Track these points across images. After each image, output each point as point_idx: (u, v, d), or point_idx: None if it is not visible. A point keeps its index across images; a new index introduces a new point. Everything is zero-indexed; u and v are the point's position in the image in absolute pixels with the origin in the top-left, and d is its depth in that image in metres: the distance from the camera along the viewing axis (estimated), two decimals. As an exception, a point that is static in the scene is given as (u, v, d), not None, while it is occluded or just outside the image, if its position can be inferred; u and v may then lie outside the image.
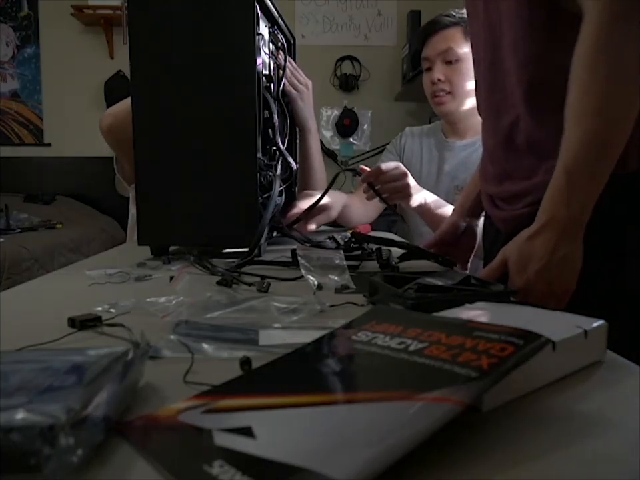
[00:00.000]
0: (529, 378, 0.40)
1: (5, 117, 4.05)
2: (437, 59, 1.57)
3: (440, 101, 1.60)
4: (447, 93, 1.58)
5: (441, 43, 1.56)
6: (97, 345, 0.48)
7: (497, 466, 0.30)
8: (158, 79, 0.97)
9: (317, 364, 0.41)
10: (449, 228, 1.14)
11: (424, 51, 1.62)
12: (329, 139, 4.04)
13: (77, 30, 4.00)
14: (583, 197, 0.70)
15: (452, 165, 1.64)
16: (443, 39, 1.56)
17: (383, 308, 0.59)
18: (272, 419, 0.33)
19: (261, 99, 1.01)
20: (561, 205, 0.70)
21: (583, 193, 0.70)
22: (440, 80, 1.57)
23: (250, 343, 0.49)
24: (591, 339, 0.45)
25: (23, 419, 0.27)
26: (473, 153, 1.59)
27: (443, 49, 1.56)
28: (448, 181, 1.63)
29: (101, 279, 0.80)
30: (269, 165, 1.07)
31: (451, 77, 1.56)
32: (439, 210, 1.42)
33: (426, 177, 1.65)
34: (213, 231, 0.98)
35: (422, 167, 1.69)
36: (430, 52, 1.59)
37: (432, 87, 1.60)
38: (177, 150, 0.97)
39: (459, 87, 1.55)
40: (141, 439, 0.32)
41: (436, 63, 1.58)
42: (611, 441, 0.33)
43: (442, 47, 1.56)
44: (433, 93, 1.61)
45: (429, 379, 0.35)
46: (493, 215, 1.03)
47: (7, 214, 3.17)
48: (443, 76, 1.57)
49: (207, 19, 0.95)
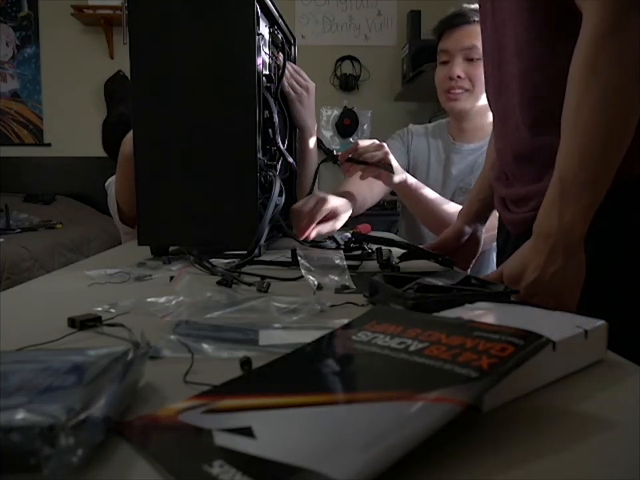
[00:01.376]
0: (529, 378, 0.40)
1: (5, 117, 4.05)
2: (459, 54, 1.48)
3: (455, 97, 1.51)
4: (465, 90, 1.50)
5: (465, 39, 1.47)
6: (97, 345, 0.48)
7: (497, 466, 0.30)
8: (158, 79, 0.97)
9: (316, 364, 0.41)
10: (453, 234, 1.13)
11: (443, 42, 1.52)
12: (329, 138, 4.04)
13: (77, 30, 4.00)
14: (579, 207, 0.68)
15: (459, 169, 1.60)
16: (467, 35, 1.46)
17: (383, 308, 0.59)
18: (272, 419, 0.33)
19: (261, 98, 1.01)
20: (553, 218, 0.69)
21: (577, 204, 0.68)
22: (460, 77, 1.48)
23: (250, 343, 0.49)
24: (591, 338, 0.45)
25: (23, 419, 0.27)
26: (479, 156, 1.55)
27: (466, 45, 1.46)
28: (455, 184, 1.59)
29: (101, 279, 0.80)
30: (269, 164, 1.07)
31: (472, 75, 1.47)
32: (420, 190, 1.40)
33: (434, 179, 1.61)
34: (213, 231, 0.98)
35: (429, 169, 1.64)
36: (451, 45, 1.49)
37: (448, 82, 1.50)
38: (177, 150, 0.97)
39: (478, 85, 1.46)
40: (141, 439, 0.32)
41: (456, 57, 1.49)
42: (611, 441, 0.33)
43: (466, 43, 1.47)
44: (448, 89, 1.51)
45: (429, 379, 0.35)
46: (503, 216, 1.02)
47: (7, 214, 3.17)
48: (464, 73, 1.48)
49: (207, 18, 0.95)
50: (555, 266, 0.69)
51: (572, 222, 0.68)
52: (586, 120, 0.68)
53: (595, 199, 0.69)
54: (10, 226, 3.13)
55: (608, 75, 0.67)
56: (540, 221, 0.71)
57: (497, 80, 0.95)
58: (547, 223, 0.70)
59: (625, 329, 0.57)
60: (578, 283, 0.71)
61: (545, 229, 0.70)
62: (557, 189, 0.69)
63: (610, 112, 0.67)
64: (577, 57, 0.69)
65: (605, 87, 0.67)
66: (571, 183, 0.68)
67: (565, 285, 0.70)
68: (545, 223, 0.70)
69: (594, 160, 0.68)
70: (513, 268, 0.73)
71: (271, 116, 1.07)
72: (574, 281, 0.70)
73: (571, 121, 0.69)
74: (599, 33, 0.67)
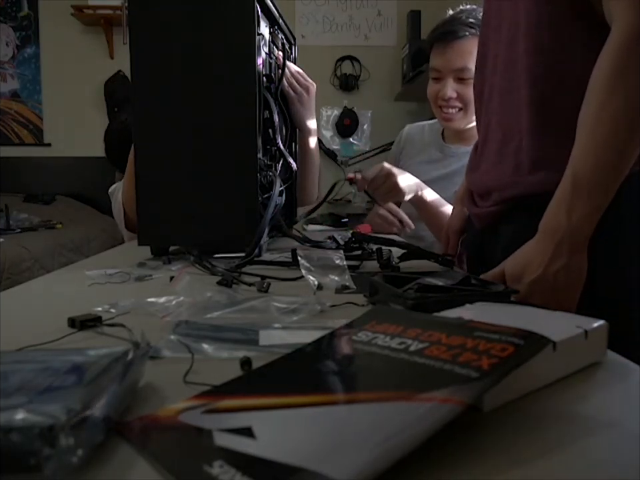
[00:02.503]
0: (530, 378, 0.39)
1: (5, 117, 4.05)
2: (450, 74, 1.49)
3: (449, 117, 1.53)
4: (459, 110, 1.52)
5: (457, 59, 1.46)
6: (97, 345, 0.48)
7: (497, 466, 0.30)
8: (158, 79, 0.97)
9: (317, 364, 0.41)
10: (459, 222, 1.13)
11: (434, 59, 1.52)
12: (329, 138, 4.03)
13: (77, 30, 4.00)
14: (588, 208, 0.68)
15: (453, 171, 1.60)
16: (459, 54, 1.46)
17: (383, 308, 0.59)
18: (272, 419, 0.33)
19: (261, 98, 1.01)
20: (563, 214, 0.69)
21: (586, 205, 0.68)
22: (451, 97, 1.49)
23: (250, 343, 0.49)
24: (591, 339, 0.45)
25: (23, 419, 0.27)
26: None
27: (458, 66, 1.47)
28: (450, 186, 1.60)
29: (100, 279, 0.80)
30: (269, 164, 1.07)
31: (463, 95, 1.48)
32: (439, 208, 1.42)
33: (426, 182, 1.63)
34: (213, 231, 0.98)
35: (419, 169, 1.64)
36: (442, 65, 1.50)
37: (440, 101, 1.52)
38: (177, 150, 0.97)
39: (470, 105, 1.46)
40: (141, 439, 0.32)
41: (448, 78, 1.49)
42: (611, 441, 0.33)
43: (457, 64, 1.47)
44: (441, 107, 1.53)
45: (429, 379, 0.35)
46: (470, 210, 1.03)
47: (7, 214, 3.17)
48: (455, 93, 1.49)
49: (207, 18, 0.95)
50: (559, 263, 0.69)
51: (580, 221, 0.68)
52: (607, 122, 0.67)
53: (604, 202, 0.69)
54: (10, 226, 3.13)
55: (635, 79, 0.66)
56: (548, 217, 0.71)
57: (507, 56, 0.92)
58: (555, 220, 0.69)
59: (625, 329, 0.57)
60: (579, 282, 0.71)
61: (553, 225, 0.69)
62: (569, 187, 0.69)
63: (631, 116, 0.67)
64: (604, 59, 0.68)
65: (631, 90, 0.66)
66: (584, 182, 0.68)
67: (567, 284, 0.70)
68: (553, 219, 0.70)
69: (610, 162, 0.68)
70: (515, 265, 0.73)
71: (271, 116, 1.07)
72: (576, 280, 0.70)
73: (591, 121, 0.69)
74: (629, 36, 0.66)
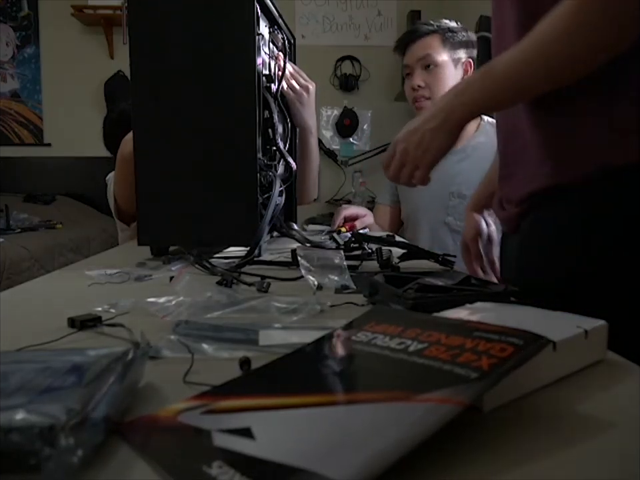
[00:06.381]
0: (530, 378, 0.39)
1: (5, 117, 4.05)
2: (416, 65, 1.65)
3: (420, 106, 1.65)
4: (427, 99, 1.64)
5: (419, 50, 1.64)
6: (96, 345, 0.48)
7: (497, 466, 0.30)
8: (158, 79, 0.97)
9: (316, 364, 0.41)
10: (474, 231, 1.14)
11: (404, 58, 1.70)
12: (329, 138, 4.04)
13: (77, 30, 4.00)
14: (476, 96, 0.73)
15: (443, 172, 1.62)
16: (421, 47, 1.64)
17: (383, 308, 0.59)
18: (271, 420, 0.33)
19: (261, 98, 1.01)
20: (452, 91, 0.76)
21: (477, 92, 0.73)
22: (420, 86, 1.63)
23: (250, 343, 0.49)
24: (591, 338, 0.45)
25: (23, 419, 0.27)
26: (463, 160, 1.61)
27: (421, 55, 1.63)
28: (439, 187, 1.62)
29: (100, 279, 0.80)
30: (269, 164, 1.07)
31: (431, 83, 1.63)
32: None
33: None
34: (213, 231, 0.98)
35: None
36: (409, 59, 1.67)
37: (413, 93, 1.67)
38: (177, 150, 0.97)
39: (438, 92, 1.60)
40: (141, 439, 0.32)
41: (415, 69, 1.65)
42: (611, 441, 0.33)
43: (420, 53, 1.64)
44: (414, 99, 1.67)
45: (429, 380, 0.35)
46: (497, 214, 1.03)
47: (7, 214, 3.17)
48: (423, 82, 1.63)
49: (207, 19, 0.95)
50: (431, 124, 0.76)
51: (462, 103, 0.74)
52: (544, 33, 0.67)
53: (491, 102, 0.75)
54: (10, 226, 3.13)
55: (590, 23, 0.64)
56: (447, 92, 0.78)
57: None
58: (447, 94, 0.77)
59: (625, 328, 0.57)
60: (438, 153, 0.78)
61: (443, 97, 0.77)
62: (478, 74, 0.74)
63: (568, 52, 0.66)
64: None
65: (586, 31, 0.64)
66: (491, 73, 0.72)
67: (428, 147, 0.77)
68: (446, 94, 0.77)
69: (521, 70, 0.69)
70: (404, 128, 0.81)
71: (271, 116, 1.07)
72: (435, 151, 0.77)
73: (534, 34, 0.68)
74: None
